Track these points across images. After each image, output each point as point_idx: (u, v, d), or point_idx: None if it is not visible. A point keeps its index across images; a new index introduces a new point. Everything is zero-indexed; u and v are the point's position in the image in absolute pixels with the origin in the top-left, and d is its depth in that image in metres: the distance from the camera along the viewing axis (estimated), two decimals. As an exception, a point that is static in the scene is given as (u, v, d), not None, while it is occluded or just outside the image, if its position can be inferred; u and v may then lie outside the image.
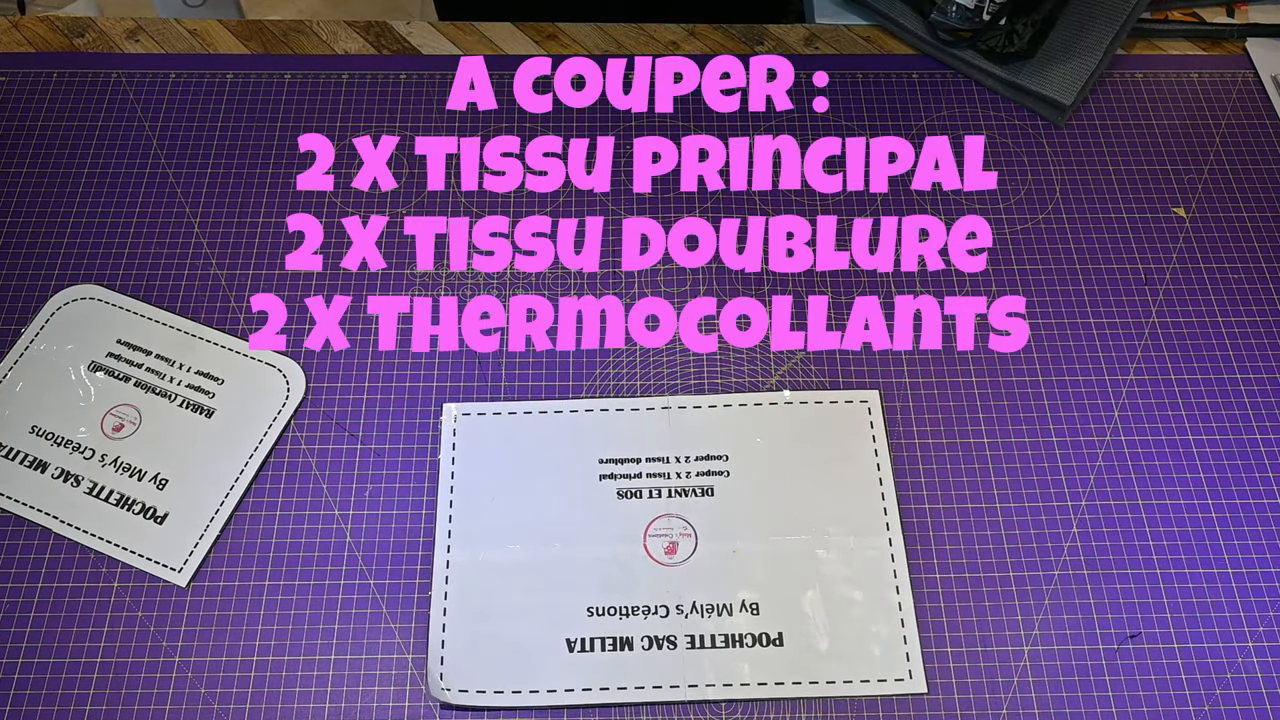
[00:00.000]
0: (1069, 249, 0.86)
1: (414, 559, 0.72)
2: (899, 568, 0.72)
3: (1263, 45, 0.98)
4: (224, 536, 0.73)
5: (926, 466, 0.76)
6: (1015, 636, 0.70)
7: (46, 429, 0.76)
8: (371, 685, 0.68)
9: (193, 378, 0.79)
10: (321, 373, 0.79)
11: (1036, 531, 0.74)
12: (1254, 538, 0.74)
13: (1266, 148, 0.92)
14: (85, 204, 0.86)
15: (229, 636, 0.70)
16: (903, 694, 0.68)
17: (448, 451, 0.76)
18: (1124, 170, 0.90)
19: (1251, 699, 0.68)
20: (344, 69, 0.94)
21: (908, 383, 0.79)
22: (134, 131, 0.90)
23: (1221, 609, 0.71)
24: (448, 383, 0.79)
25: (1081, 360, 0.81)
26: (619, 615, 0.70)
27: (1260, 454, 0.77)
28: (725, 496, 0.74)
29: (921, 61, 0.95)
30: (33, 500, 0.74)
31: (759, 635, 0.70)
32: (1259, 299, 0.84)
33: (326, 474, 0.75)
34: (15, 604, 0.70)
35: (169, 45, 0.96)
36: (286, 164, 0.89)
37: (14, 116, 0.91)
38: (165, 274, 0.83)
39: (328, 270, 0.84)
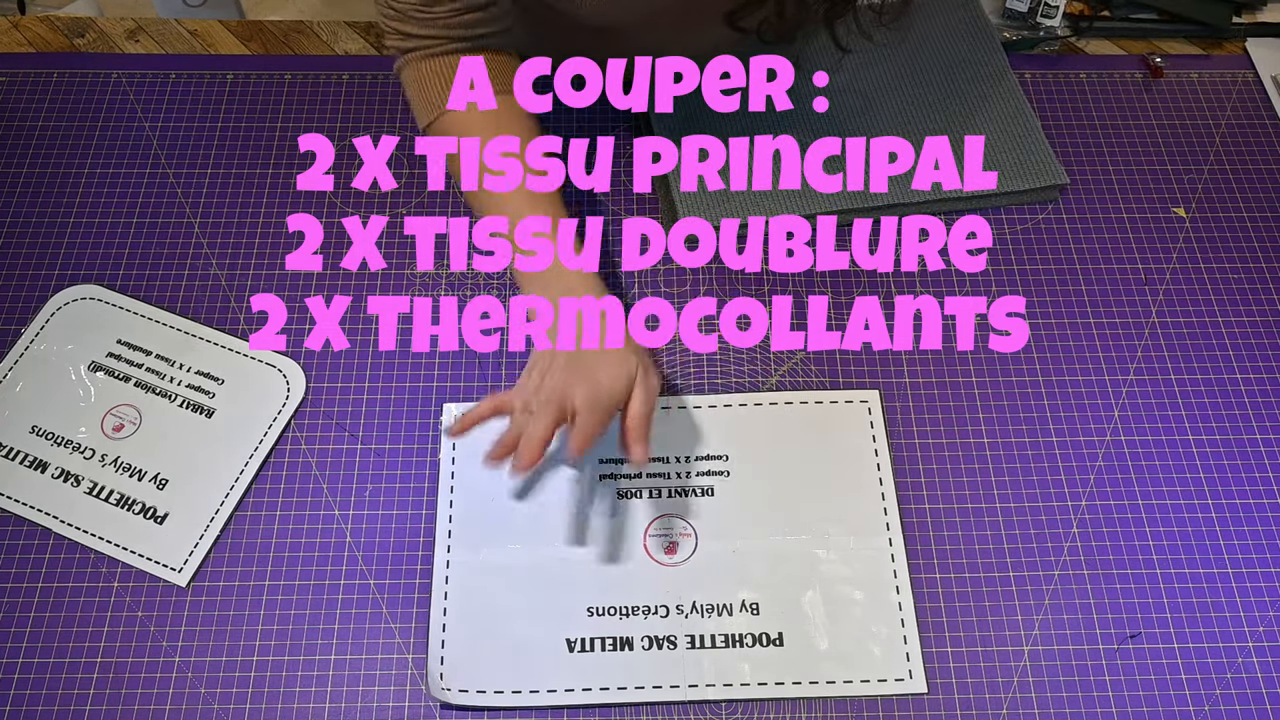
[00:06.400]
0: (1069, 249, 0.86)
1: (414, 559, 0.72)
2: (899, 568, 0.72)
3: (1263, 45, 0.98)
4: (224, 536, 0.73)
5: (926, 466, 0.76)
6: (1015, 636, 0.70)
7: (46, 429, 0.76)
8: (371, 685, 0.68)
9: (193, 378, 0.79)
10: (321, 373, 0.79)
11: (1036, 531, 0.74)
12: (1254, 538, 0.74)
13: (1266, 148, 0.92)
14: (85, 204, 0.86)
15: (229, 636, 0.70)
16: (903, 694, 0.68)
17: (448, 451, 0.76)
18: (1124, 170, 0.90)
19: (1251, 699, 0.68)
20: (344, 69, 0.94)
21: (908, 383, 0.79)
22: (134, 131, 0.90)
23: (1221, 609, 0.71)
24: (448, 383, 0.79)
25: (1081, 360, 0.81)
26: (619, 615, 0.70)
27: (1260, 454, 0.77)
28: (725, 496, 0.74)
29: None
30: (33, 500, 0.74)
31: (759, 635, 0.70)
32: (1259, 299, 0.84)
33: (326, 474, 0.75)
34: (15, 604, 0.70)
35: (169, 45, 0.96)
36: (286, 164, 0.89)
37: (14, 116, 0.91)
38: (165, 274, 0.83)
39: (328, 270, 0.84)
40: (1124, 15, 0.98)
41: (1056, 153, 0.89)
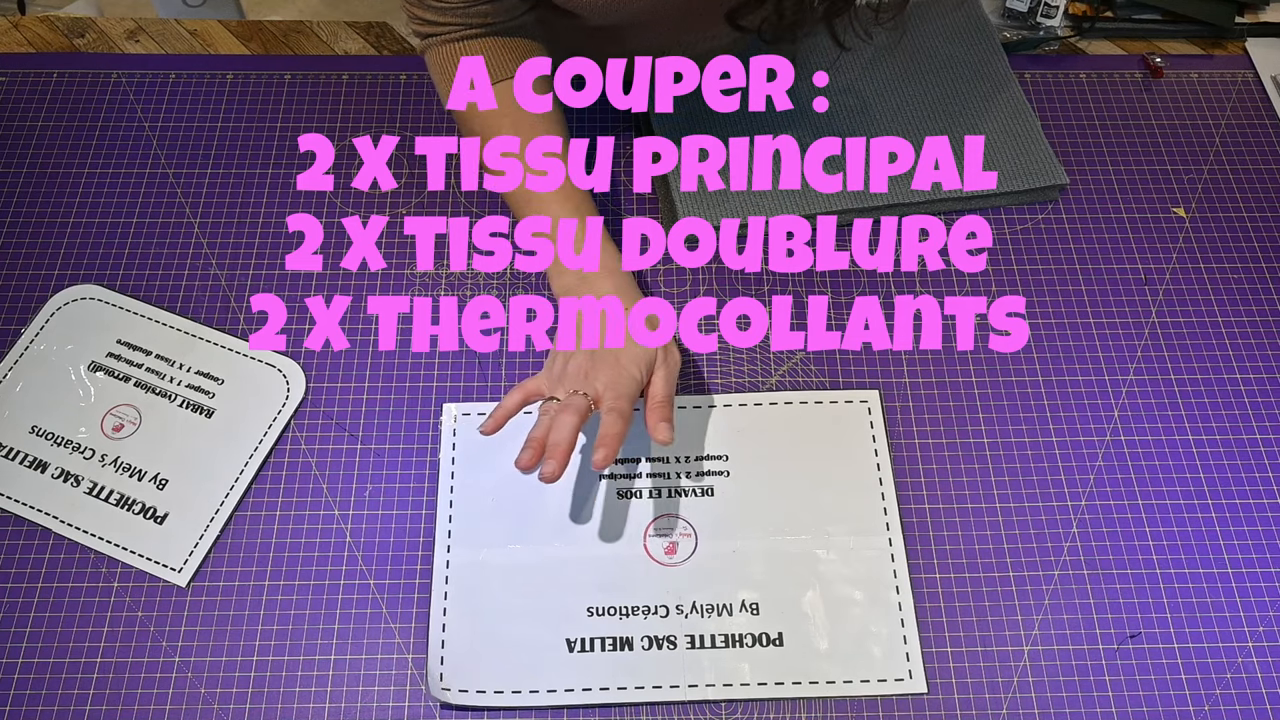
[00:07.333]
0: (1069, 249, 0.86)
1: (414, 559, 0.72)
2: (899, 568, 0.72)
3: (1263, 45, 0.98)
4: (224, 536, 0.73)
5: (926, 466, 0.76)
6: (1015, 636, 0.70)
7: (46, 429, 0.76)
8: (371, 685, 0.68)
9: (193, 378, 0.79)
10: (321, 373, 0.79)
11: (1036, 531, 0.74)
12: (1254, 538, 0.74)
13: (1266, 148, 0.92)
14: (85, 204, 0.86)
15: (229, 636, 0.70)
16: (903, 694, 0.68)
17: (448, 451, 0.76)
18: (1124, 170, 0.90)
19: (1251, 699, 0.68)
20: (344, 69, 0.94)
21: (908, 383, 0.79)
22: (134, 131, 0.90)
23: (1221, 609, 0.71)
24: (448, 383, 0.79)
25: (1081, 360, 0.81)
26: (619, 615, 0.70)
27: (1260, 454, 0.77)
28: (725, 496, 0.74)
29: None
30: (33, 500, 0.74)
31: (759, 635, 0.70)
32: (1259, 299, 0.84)
33: (326, 474, 0.75)
34: (15, 604, 0.70)
35: (169, 45, 0.96)
36: (286, 164, 0.89)
37: (14, 116, 0.91)
38: (165, 274, 0.83)
39: (328, 270, 0.84)
40: (1127, 15, 0.98)
41: (1056, 153, 0.89)
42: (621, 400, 0.68)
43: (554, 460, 0.65)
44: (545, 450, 0.66)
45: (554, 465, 0.65)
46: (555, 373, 0.70)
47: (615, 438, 0.66)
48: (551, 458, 0.65)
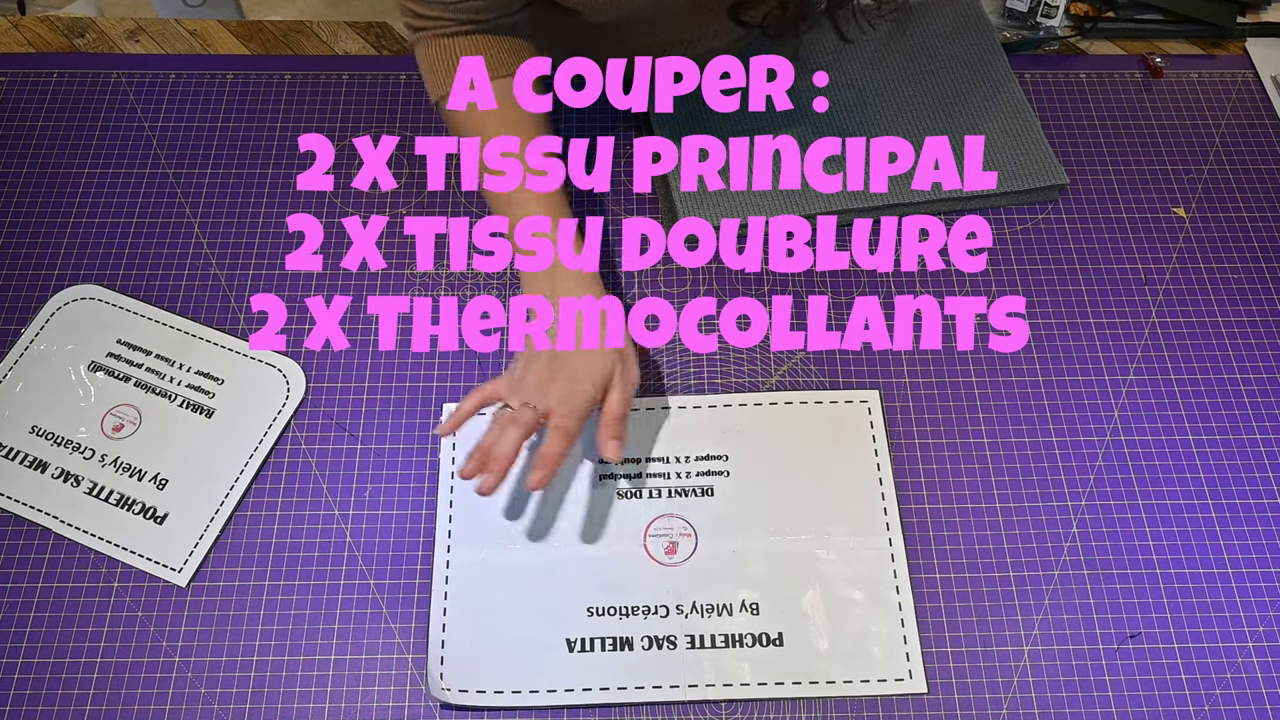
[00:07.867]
0: (1069, 249, 0.86)
1: (414, 559, 0.72)
2: (899, 568, 0.72)
3: (1263, 45, 0.98)
4: (224, 536, 0.73)
5: (926, 466, 0.76)
6: (1015, 636, 0.70)
7: (46, 429, 0.76)
8: (371, 685, 0.68)
9: (193, 378, 0.79)
10: (321, 373, 0.79)
11: (1036, 531, 0.74)
12: (1254, 538, 0.74)
13: (1266, 148, 0.92)
14: (85, 204, 0.86)
15: (229, 636, 0.70)
16: (903, 694, 0.68)
17: (448, 451, 0.76)
18: (1124, 170, 0.90)
19: (1251, 699, 0.68)
20: (344, 69, 0.94)
21: (908, 383, 0.79)
22: (134, 131, 0.90)
23: (1221, 609, 0.71)
24: (448, 383, 0.79)
25: (1081, 360, 0.81)
26: (619, 615, 0.70)
27: (1260, 454, 0.77)
28: (725, 496, 0.74)
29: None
30: (33, 500, 0.74)
31: (759, 635, 0.70)
32: (1259, 299, 0.84)
33: (326, 474, 0.75)
34: (15, 604, 0.70)
35: (169, 45, 0.96)
36: (286, 164, 0.89)
37: (14, 116, 0.91)
38: (165, 274, 0.83)
39: (328, 270, 0.84)
40: (1128, 15, 0.98)
41: (1056, 153, 0.89)
42: (570, 419, 0.68)
43: (491, 474, 0.67)
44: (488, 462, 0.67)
45: (490, 479, 0.67)
46: (514, 378, 0.70)
47: (555, 457, 0.67)
48: (490, 471, 0.67)
